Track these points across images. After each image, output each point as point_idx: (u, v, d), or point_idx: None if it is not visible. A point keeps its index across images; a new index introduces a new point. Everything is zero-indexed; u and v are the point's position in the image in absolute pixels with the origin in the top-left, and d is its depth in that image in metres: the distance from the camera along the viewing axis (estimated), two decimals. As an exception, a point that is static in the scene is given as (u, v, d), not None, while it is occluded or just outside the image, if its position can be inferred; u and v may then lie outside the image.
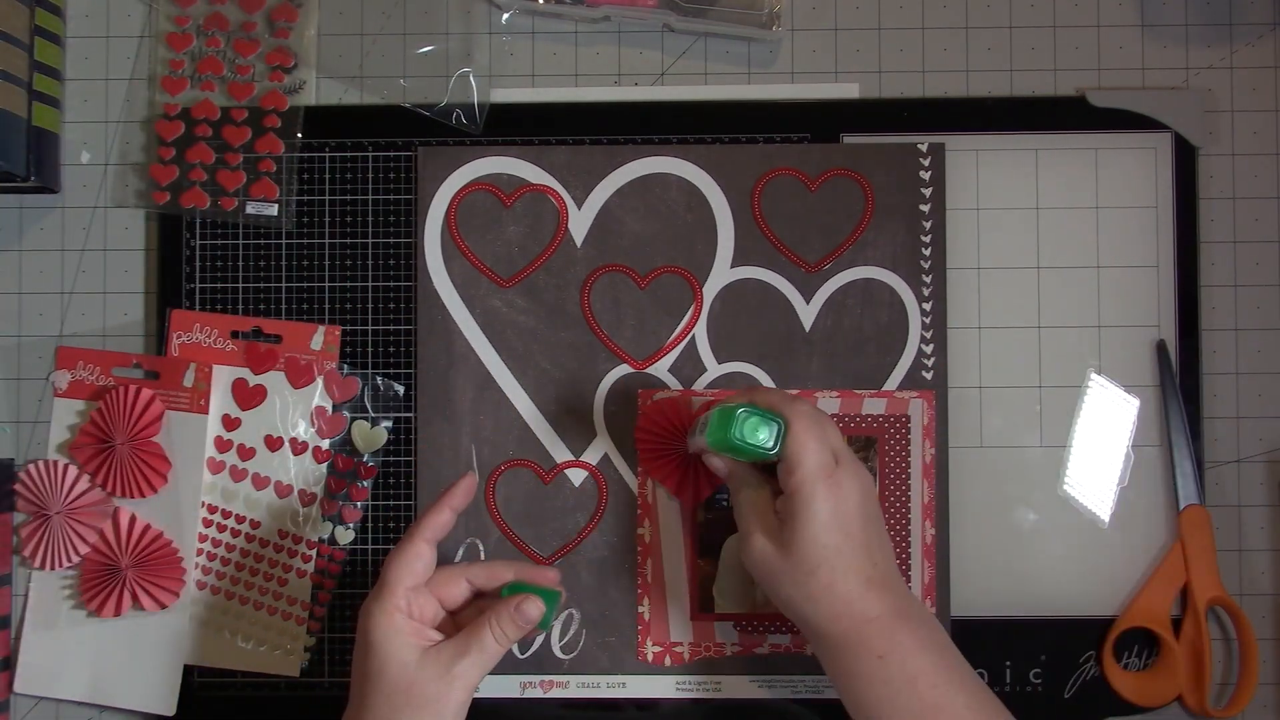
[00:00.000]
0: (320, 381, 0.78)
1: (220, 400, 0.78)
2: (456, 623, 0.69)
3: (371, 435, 0.78)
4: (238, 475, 0.78)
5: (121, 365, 0.79)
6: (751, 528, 0.66)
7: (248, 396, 0.78)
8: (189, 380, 0.77)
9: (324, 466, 0.78)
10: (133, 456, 0.77)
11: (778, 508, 0.66)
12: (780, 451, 0.64)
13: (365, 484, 0.78)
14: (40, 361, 0.80)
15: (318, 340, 0.78)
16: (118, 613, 0.76)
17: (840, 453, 0.66)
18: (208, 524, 0.78)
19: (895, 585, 0.66)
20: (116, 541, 0.77)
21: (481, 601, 0.69)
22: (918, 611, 0.66)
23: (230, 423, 0.78)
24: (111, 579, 0.76)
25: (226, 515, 0.78)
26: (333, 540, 0.78)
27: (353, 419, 0.78)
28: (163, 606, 0.76)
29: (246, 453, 0.78)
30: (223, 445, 0.78)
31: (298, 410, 0.78)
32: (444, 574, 0.68)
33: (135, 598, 0.76)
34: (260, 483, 0.78)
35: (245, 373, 0.78)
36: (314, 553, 0.78)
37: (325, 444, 0.78)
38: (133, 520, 0.77)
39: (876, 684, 0.64)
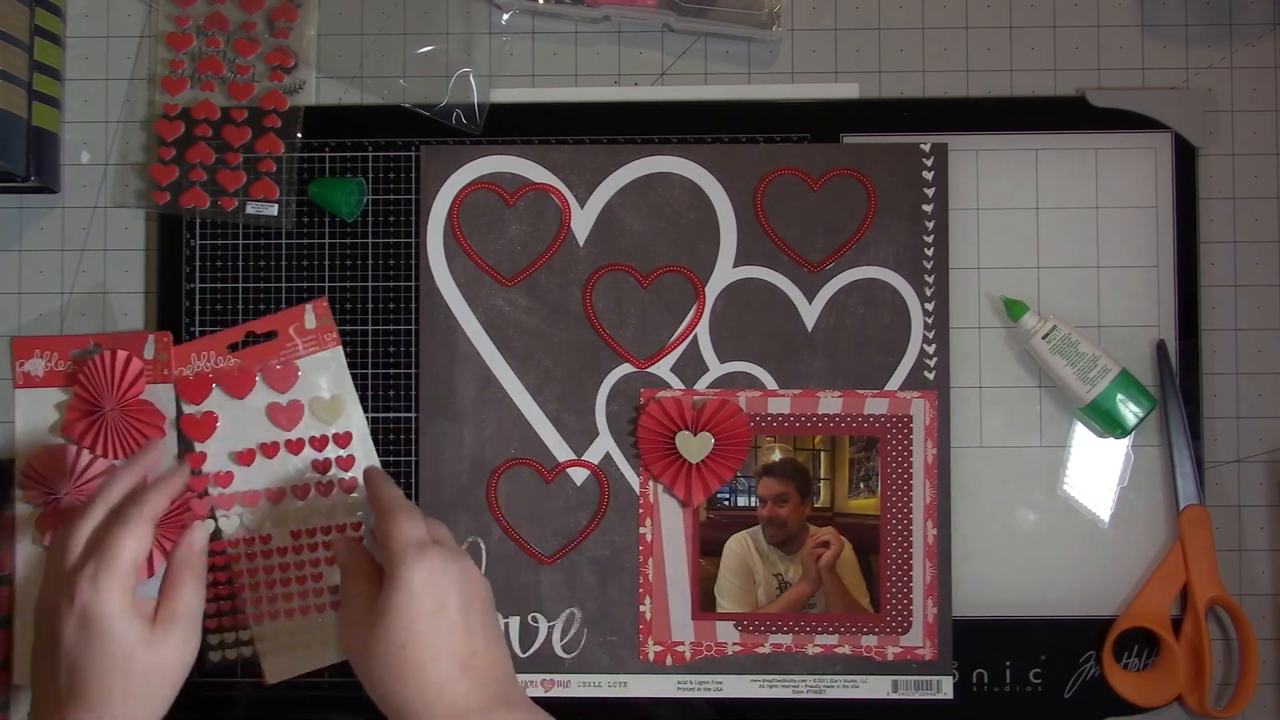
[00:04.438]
0: (260, 379, 0.78)
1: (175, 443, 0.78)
2: None
3: (331, 405, 0.78)
4: (225, 503, 0.78)
5: (79, 348, 0.78)
6: (347, 599, 0.68)
7: (199, 427, 0.78)
8: (149, 353, 0.77)
9: (302, 456, 0.78)
10: (125, 418, 0.76)
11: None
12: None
13: (348, 451, 0.78)
14: (40, 361, 0.80)
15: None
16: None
17: (443, 540, 0.68)
18: (236, 559, 0.77)
19: (496, 678, 0.65)
20: None
21: None
22: (522, 699, 0.65)
23: (196, 459, 0.78)
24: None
25: (234, 544, 0.78)
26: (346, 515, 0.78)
27: (309, 400, 0.78)
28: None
29: (224, 479, 0.78)
30: (199, 483, 0.78)
31: (252, 417, 0.78)
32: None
33: (160, 546, 0.73)
34: (250, 499, 0.78)
35: (187, 407, 0.78)
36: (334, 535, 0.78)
37: (292, 435, 0.78)
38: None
39: None
